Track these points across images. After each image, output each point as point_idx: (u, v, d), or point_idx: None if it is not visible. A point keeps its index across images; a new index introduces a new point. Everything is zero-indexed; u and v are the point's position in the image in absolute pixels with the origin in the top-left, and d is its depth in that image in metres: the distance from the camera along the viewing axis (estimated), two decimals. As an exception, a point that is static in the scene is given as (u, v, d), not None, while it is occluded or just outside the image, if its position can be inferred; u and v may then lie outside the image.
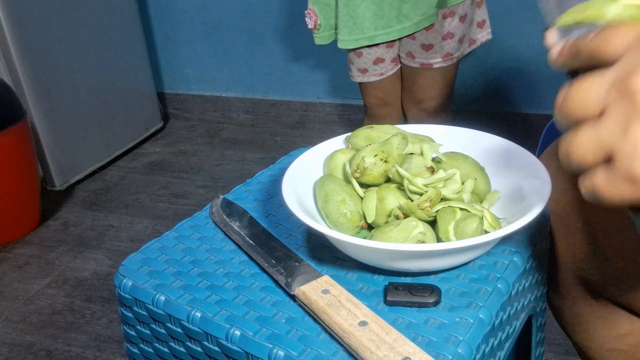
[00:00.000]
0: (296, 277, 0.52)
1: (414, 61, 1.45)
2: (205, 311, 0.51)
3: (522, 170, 0.57)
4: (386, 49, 1.44)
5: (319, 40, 1.46)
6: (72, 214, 1.88)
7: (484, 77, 2.06)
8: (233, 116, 2.50)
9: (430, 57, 1.43)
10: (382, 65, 1.47)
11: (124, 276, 0.57)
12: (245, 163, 2.17)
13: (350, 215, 0.55)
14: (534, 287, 0.60)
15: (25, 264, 1.64)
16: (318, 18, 1.41)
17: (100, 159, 2.14)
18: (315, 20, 1.41)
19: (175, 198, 1.95)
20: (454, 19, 1.38)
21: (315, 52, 2.25)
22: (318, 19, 1.41)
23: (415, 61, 1.44)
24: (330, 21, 1.42)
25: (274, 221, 0.64)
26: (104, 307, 1.45)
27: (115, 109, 2.17)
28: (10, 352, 1.32)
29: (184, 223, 0.65)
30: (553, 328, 0.70)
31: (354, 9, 1.34)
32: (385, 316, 0.47)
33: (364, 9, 1.34)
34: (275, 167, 0.75)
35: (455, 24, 1.39)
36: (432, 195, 0.53)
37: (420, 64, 1.44)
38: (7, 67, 1.77)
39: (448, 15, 1.37)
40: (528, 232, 0.58)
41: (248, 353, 0.47)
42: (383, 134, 0.62)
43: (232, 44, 2.36)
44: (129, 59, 2.21)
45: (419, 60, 1.44)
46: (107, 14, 2.07)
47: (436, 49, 1.41)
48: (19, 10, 1.74)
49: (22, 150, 1.69)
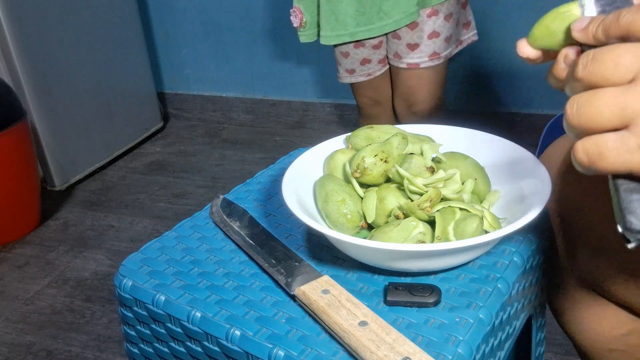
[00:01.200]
0: (296, 277, 0.52)
1: (401, 61, 1.45)
2: (205, 311, 0.51)
3: (522, 170, 0.57)
4: (372, 50, 1.45)
5: (304, 38, 1.48)
6: (72, 214, 1.88)
7: (484, 77, 2.06)
8: (233, 116, 2.50)
9: (417, 57, 1.43)
10: (370, 65, 1.48)
11: (124, 276, 0.57)
12: (245, 163, 2.17)
13: (350, 215, 0.55)
14: (534, 287, 0.60)
15: (25, 264, 1.64)
16: (304, 16, 1.43)
17: (100, 159, 2.14)
18: (300, 18, 1.43)
19: (175, 198, 1.95)
20: (439, 17, 1.38)
21: (315, 53, 2.25)
22: (304, 17, 1.43)
23: (402, 61, 1.45)
24: (315, 18, 1.44)
25: (274, 221, 0.64)
26: (104, 307, 1.45)
27: (115, 109, 2.17)
28: (10, 352, 1.32)
29: (184, 223, 0.65)
30: (553, 328, 0.70)
31: (336, 4, 1.36)
32: (385, 316, 0.47)
33: (345, 5, 1.36)
34: (275, 167, 0.75)
35: (441, 22, 1.39)
36: (432, 195, 0.54)
37: (407, 64, 1.44)
38: (7, 67, 1.77)
39: (432, 14, 1.37)
40: (528, 232, 0.58)
41: (248, 353, 0.47)
42: (383, 134, 0.62)
43: (232, 44, 2.36)
44: (129, 59, 2.21)
45: (406, 60, 1.44)
46: (107, 14, 2.07)
47: (422, 49, 1.41)
48: (19, 10, 1.74)
49: (22, 150, 1.69)
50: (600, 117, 0.32)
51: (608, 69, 0.33)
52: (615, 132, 0.32)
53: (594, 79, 0.33)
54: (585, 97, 0.33)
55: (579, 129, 0.33)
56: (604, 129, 0.32)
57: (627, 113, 0.31)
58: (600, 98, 0.32)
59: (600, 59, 0.33)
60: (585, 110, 0.33)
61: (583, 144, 0.33)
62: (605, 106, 0.32)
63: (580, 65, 0.34)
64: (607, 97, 0.32)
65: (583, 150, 0.33)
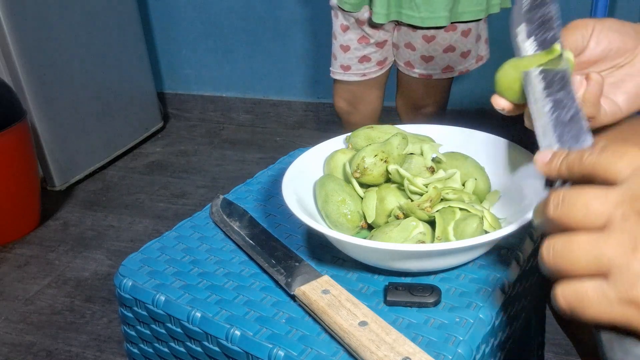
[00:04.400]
0: (296, 277, 0.52)
1: (413, 71, 1.42)
2: (205, 311, 0.51)
3: (522, 170, 0.57)
4: (375, 48, 1.41)
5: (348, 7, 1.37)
6: (72, 214, 1.88)
7: (485, 77, 2.06)
8: (233, 116, 2.50)
9: (430, 69, 1.40)
10: (367, 65, 1.43)
11: (124, 276, 0.57)
12: (245, 163, 2.17)
13: (350, 215, 0.55)
14: (534, 287, 0.60)
15: (25, 264, 1.64)
16: None
17: (100, 159, 2.14)
18: None
19: (175, 198, 1.95)
20: (456, 32, 1.35)
21: (315, 52, 2.25)
22: None
23: (415, 71, 1.42)
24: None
25: (274, 221, 0.64)
26: (104, 307, 1.45)
27: (115, 109, 2.17)
28: (10, 352, 1.32)
29: (184, 223, 0.65)
30: (553, 328, 0.70)
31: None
32: (385, 316, 0.47)
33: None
34: (275, 167, 0.75)
35: (457, 37, 1.36)
36: (432, 195, 0.53)
37: (419, 74, 1.42)
38: (7, 67, 1.77)
39: (451, 29, 1.34)
40: (528, 232, 0.58)
41: (248, 353, 0.47)
42: (383, 134, 0.62)
43: (232, 44, 2.36)
44: (129, 59, 2.21)
45: (418, 70, 1.42)
46: (107, 14, 2.07)
47: (436, 61, 1.39)
48: (19, 10, 1.74)
49: (22, 150, 1.69)
50: (577, 265, 0.33)
51: (579, 214, 0.33)
52: (595, 280, 0.32)
53: (566, 221, 0.34)
54: (560, 243, 0.34)
55: (557, 273, 0.34)
56: (583, 275, 0.33)
57: (603, 262, 0.32)
58: (575, 245, 0.33)
59: (571, 203, 0.34)
60: (561, 257, 0.33)
61: (563, 291, 0.33)
62: (581, 255, 0.33)
63: (551, 205, 0.34)
64: (582, 245, 0.33)
65: (563, 298, 0.33)
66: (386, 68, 1.47)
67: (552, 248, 0.34)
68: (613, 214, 0.32)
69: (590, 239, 0.33)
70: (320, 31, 2.19)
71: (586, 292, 0.32)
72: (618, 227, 0.32)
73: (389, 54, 1.45)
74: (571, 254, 0.33)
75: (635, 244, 0.31)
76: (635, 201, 0.32)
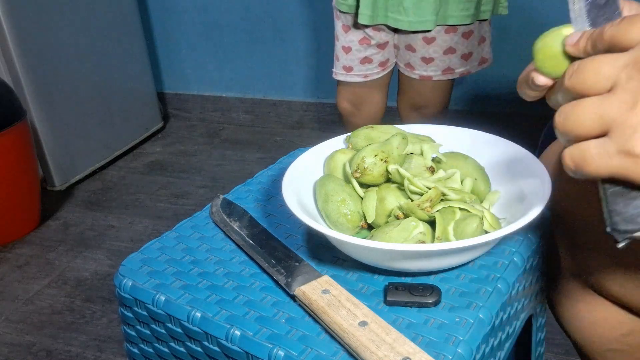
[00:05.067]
0: (296, 277, 0.52)
1: (413, 72, 1.43)
2: (205, 311, 0.51)
3: (522, 170, 0.57)
4: (377, 49, 1.41)
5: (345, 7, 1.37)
6: (72, 214, 1.88)
7: (485, 77, 2.06)
8: (233, 116, 2.50)
9: (431, 70, 1.40)
10: (369, 66, 1.43)
11: (124, 276, 0.57)
12: (245, 163, 2.17)
13: (350, 215, 0.55)
14: (534, 287, 0.60)
15: (25, 264, 1.64)
16: None
17: (100, 159, 2.14)
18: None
19: (175, 198, 1.95)
20: (457, 34, 1.35)
21: (315, 52, 2.25)
22: None
23: (415, 72, 1.42)
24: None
25: (274, 221, 0.64)
26: (104, 307, 1.45)
27: (115, 109, 2.17)
28: (10, 352, 1.32)
29: (184, 223, 0.65)
30: (553, 328, 0.70)
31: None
32: (385, 316, 0.47)
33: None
34: (275, 167, 0.75)
35: (458, 39, 1.36)
36: (432, 195, 0.53)
37: (419, 75, 1.42)
38: (7, 67, 1.77)
39: (450, 30, 1.34)
40: (528, 232, 0.58)
41: (248, 353, 0.47)
42: (383, 134, 0.62)
43: (232, 44, 2.36)
44: (129, 59, 2.21)
45: (418, 72, 1.42)
46: (107, 14, 2.07)
47: (437, 63, 1.39)
48: (19, 10, 1.74)
49: (22, 150, 1.69)
50: (582, 126, 0.35)
51: (589, 78, 0.35)
52: (598, 138, 0.34)
53: (578, 88, 0.36)
54: (569, 107, 0.36)
55: (566, 136, 0.36)
56: (588, 136, 0.35)
57: (605, 121, 0.34)
58: (581, 107, 0.35)
59: (583, 69, 0.36)
60: (569, 119, 0.35)
61: (570, 150, 0.36)
62: (586, 115, 0.35)
63: (567, 76, 0.37)
64: (588, 106, 0.35)
65: (569, 157, 0.36)
66: (388, 69, 1.47)
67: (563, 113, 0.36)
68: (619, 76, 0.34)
69: (596, 101, 0.35)
70: (320, 31, 2.19)
71: (589, 149, 0.34)
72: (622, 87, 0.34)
73: (391, 55, 1.45)
74: (578, 116, 0.35)
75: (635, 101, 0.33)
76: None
